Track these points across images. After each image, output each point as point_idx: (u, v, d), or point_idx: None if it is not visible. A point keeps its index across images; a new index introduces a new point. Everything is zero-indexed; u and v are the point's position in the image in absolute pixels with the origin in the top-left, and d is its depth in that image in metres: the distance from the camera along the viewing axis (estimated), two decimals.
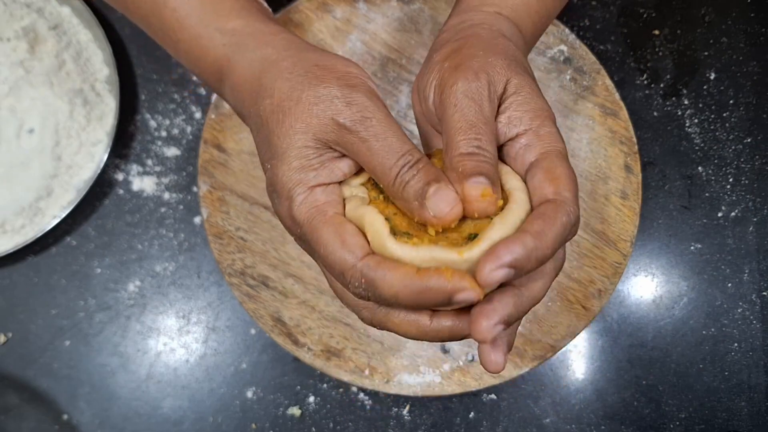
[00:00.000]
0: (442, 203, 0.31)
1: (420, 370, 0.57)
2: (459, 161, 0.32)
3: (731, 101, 0.63)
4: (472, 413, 0.59)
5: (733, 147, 0.63)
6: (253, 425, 0.59)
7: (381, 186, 0.34)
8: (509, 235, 0.30)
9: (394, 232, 0.32)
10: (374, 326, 0.35)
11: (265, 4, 0.43)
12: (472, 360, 0.57)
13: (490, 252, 0.29)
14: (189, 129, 0.62)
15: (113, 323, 0.60)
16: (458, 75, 0.33)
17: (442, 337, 0.33)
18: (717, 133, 0.63)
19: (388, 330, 0.34)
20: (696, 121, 0.63)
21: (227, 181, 0.58)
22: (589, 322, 0.56)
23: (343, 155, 0.34)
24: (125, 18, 0.63)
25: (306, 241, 0.34)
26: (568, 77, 0.60)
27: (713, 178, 0.63)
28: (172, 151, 0.62)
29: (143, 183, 0.62)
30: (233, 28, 0.38)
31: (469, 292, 0.29)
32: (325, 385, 0.60)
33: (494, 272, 0.29)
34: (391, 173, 0.32)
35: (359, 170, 0.36)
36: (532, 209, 0.32)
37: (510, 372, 0.56)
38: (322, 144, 0.34)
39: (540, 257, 0.30)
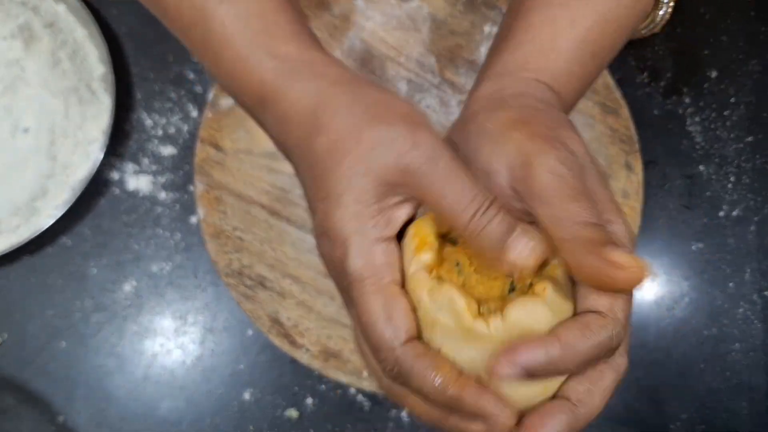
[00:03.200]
0: (525, 249, 0.30)
1: None
2: (580, 231, 0.29)
3: (732, 100, 0.63)
4: None
5: (734, 146, 0.63)
6: (251, 427, 0.59)
7: (451, 229, 0.32)
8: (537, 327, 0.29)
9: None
10: (389, 396, 0.33)
11: (314, 32, 0.39)
12: None
13: (511, 349, 0.28)
14: (185, 128, 0.62)
15: (110, 324, 0.60)
16: (545, 145, 0.31)
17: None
18: (718, 132, 0.63)
19: (402, 405, 0.32)
20: (697, 119, 0.63)
21: (224, 181, 0.58)
22: None
23: (404, 200, 0.32)
24: (121, 16, 0.63)
25: (350, 297, 0.32)
26: None
27: (714, 177, 0.62)
28: (168, 150, 0.62)
29: (139, 182, 0.61)
30: (285, 53, 0.35)
31: (501, 421, 0.29)
32: (323, 387, 0.59)
33: (506, 371, 0.28)
34: (464, 216, 0.30)
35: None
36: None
37: None
38: (383, 187, 0.31)
39: (561, 370, 0.28)
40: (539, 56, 0.37)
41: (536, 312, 0.29)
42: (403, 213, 0.32)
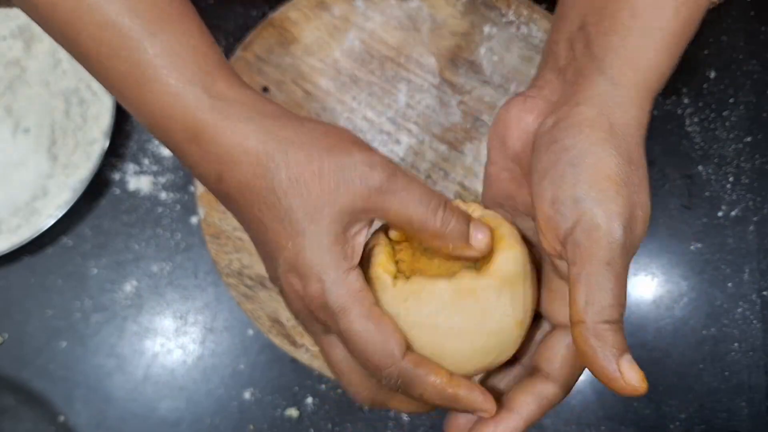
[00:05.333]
0: (485, 237, 0.35)
1: None
2: None
3: (731, 100, 0.63)
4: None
5: (733, 146, 0.63)
6: (251, 426, 0.59)
7: (415, 233, 0.35)
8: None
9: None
10: (373, 406, 0.37)
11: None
12: None
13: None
14: None
15: (110, 324, 0.60)
16: (615, 197, 0.34)
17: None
18: (717, 132, 0.63)
19: (386, 408, 0.37)
20: (696, 120, 0.63)
21: None
22: None
23: (363, 227, 0.34)
24: None
25: (337, 329, 0.33)
26: None
27: (713, 177, 0.62)
28: (168, 151, 0.62)
29: (140, 182, 0.61)
30: (222, 90, 0.34)
31: (491, 413, 0.34)
32: (323, 386, 0.59)
33: None
34: (429, 218, 0.33)
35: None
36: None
37: None
38: (348, 217, 0.33)
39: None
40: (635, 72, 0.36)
41: (514, 258, 0.35)
42: (362, 239, 0.34)
